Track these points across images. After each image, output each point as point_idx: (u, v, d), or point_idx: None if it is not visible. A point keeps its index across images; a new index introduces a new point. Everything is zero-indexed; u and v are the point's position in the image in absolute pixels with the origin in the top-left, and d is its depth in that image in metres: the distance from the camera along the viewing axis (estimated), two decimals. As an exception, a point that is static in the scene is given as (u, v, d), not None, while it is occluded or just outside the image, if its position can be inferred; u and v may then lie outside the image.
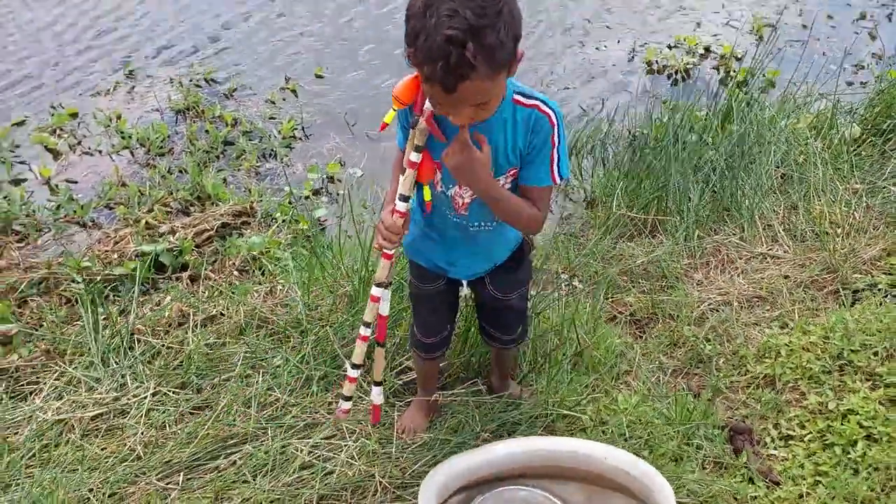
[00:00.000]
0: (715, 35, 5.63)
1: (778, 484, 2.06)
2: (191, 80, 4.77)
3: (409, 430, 2.24)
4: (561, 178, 1.67)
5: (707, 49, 5.46)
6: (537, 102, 1.59)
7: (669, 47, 5.46)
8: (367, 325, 1.89)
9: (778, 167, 3.58)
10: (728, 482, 2.07)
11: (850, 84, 5.08)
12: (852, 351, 2.37)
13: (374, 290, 1.80)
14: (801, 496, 1.96)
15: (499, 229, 1.78)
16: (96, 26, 5.32)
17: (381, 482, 2.02)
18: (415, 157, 1.60)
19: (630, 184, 3.62)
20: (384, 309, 1.87)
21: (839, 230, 3.13)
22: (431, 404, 2.28)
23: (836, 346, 2.40)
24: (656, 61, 5.30)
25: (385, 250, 1.73)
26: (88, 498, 1.98)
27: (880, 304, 2.58)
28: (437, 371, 2.26)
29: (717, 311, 2.81)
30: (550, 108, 1.60)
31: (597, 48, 5.48)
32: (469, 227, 1.77)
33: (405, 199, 1.64)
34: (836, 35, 5.59)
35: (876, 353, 2.34)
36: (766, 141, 3.71)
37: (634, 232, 3.42)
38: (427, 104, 1.53)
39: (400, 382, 2.43)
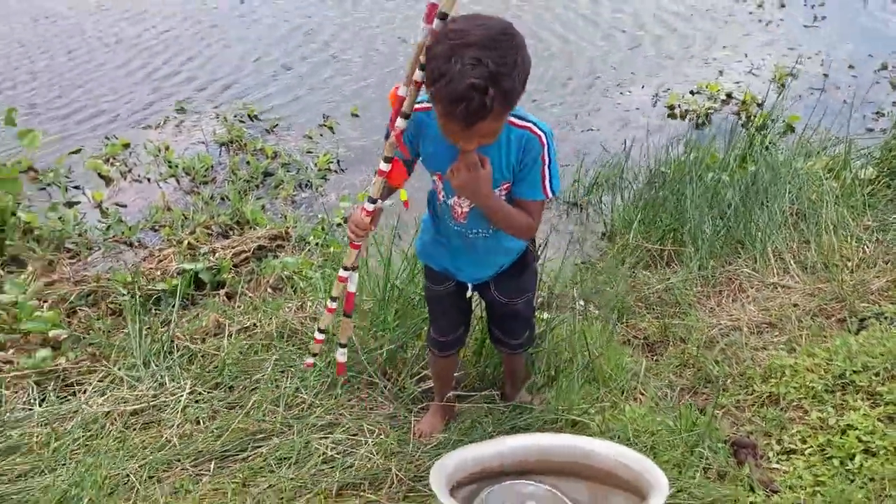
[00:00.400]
0: (737, 82, 5.82)
1: (776, 492, 2.14)
2: (235, 116, 5.09)
3: (425, 433, 2.38)
4: (553, 193, 1.83)
5: (729, 95, 5.65)
6: (529, 125, 1.75)
7: (692, 93, 5.65)
8: (334, 299, 2.05)
9: (792, 204, 3.70)
10: (729, 488, 2.15)
11: (870, 130, 5.21)
12: (854, 372, 2.45)
13: (342, 272, 1.97)
14: (798, 498, 2.03)
15: (496, 236, 1.94)
16: (157, 65, 5.72)
17: (396, 475, 2.15)
18: (384, 166, 1.78)
19: (647, 216, 3.76)
20: (352, 287, 2.02)
21: (849, 263, 3.22)
22: (447, 409, 2.42)
23: (839, 367, 2.48)
24: (678, 105, 5.49)
25: (352, 241, 1.90)
26: (128, 477, 2.15)
27: (885, 330, 2.66)
28: (451, 371, 2.39)
29: (727, 335, 2.91)
30: (541, 129, 1.75)
31: (621, 93, 5.71)
32: (468, 235, 1.93)
33: (373, 200, 1.84)
34: (857, 84, 5.73)
35: (877, 374, 2.42)
36: (781, 180, 3.84)
37: (650, 262, 3.55)
38: (399, 122, 1.70)
39: (419, 389, 2.57)
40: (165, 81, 5.54)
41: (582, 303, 3.28)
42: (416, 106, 1.71)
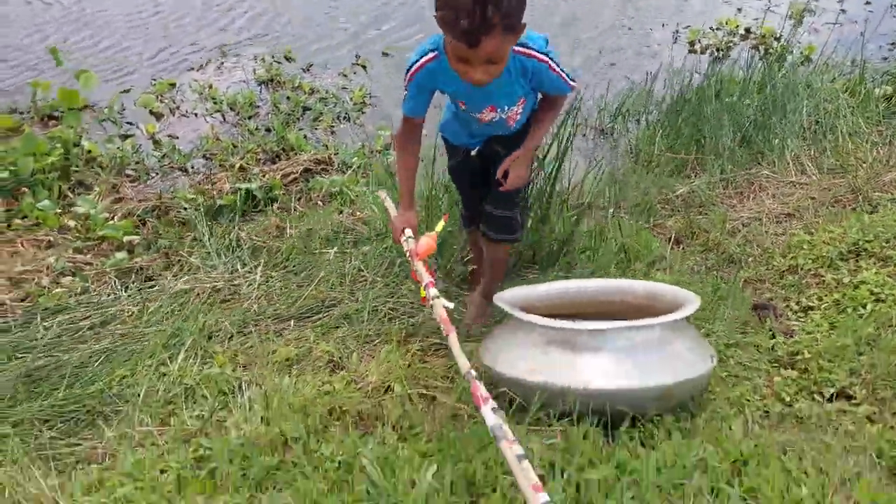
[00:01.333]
0: (755, 18, 5.97)
1: (793, 336, 2.38)
2: (273, 57, 5.33)
3: (469, 325, 2.58)
4: (573, 82, 2.07)
5: (747, 30, 5.82)
6: (529, 50, 1.93)
7: (711, 29, 5.82)
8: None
9: (810, 116, 3.90)
10: (751, 337, 2.40)
11: (884, 59, 5.36)
12: (867, 241, 2.68)
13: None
14: (815, 341, 2.28)
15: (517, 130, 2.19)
16: (199, 15, 5.97)
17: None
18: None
19: (670, 131, 3.98)
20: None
21: (864, 164, 3.44)
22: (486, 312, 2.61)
23: (853, 238, 2.71)
24: (699, 41, 5.67)
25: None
26: (223, 326, 2.43)
27: (896, 208, 2.89)
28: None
29: (748, 225, 3.14)
30: (539, 50, 1.96)
31: (643, 31, 5.89)
32: (490, 127, 2.18)
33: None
34: (872, 18, 5.86)
35: (888, 241, 2.65)
36: (798, 96, 4.03)
37: (674, 171, 3.78)
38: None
39: (466, 270, 2.84)
40: (203, 29, 5.79)
41: (612, 210, 3.52)
42: (422, 60, 1.97)
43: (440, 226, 2.22)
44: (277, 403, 1.91)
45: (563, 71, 2.03)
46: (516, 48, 1.93)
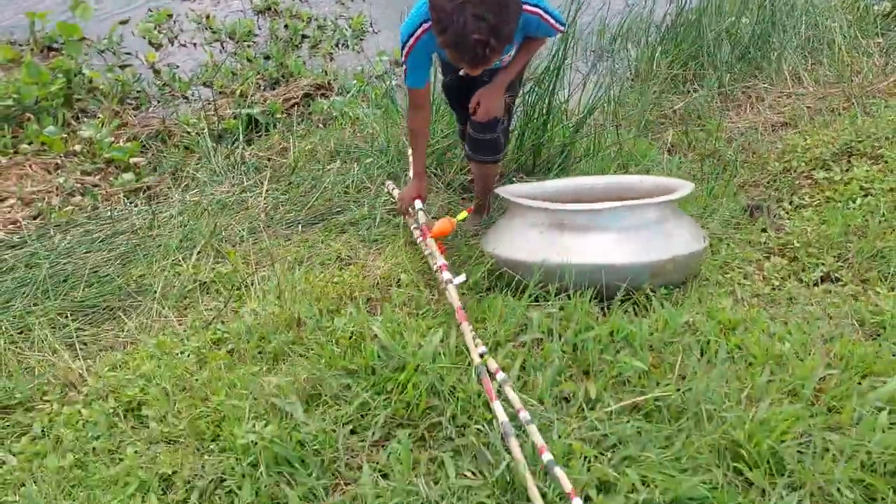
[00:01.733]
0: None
1: (783, 230, 2.46)
2: (269, -14, 5.29)
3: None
4: (563, 26, 2.09)
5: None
6: (524, 5, 1.91)
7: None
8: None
9: (808, 30, 3.90)
10: (744, 235, 2.48)
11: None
12: (859, 141, 2.74)
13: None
14: (805, 232, 2.36)
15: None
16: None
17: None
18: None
19: (670, 49, 3.98)
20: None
21: (859, 73, 3.46)
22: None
23: (846, 140, 2.77)
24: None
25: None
26: (233, 231, 2.52)
27: (889, 110, 2.93)
28: None
29: (745, 134, 3.19)
30: (529, 3, 1.96)
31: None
32: None
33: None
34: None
35: (878, 140, 2.70)
36: (797, 11, 4.03)
37: (673, 87, 3.80)
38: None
39: (465, 181, 2.90)
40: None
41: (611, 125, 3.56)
42: (416, 33, 2.00)
43: (462, 215, 2.30)
44: (290, 291, 2.00)
45: (552, 17, 2.06)
46: None
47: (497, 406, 1.41)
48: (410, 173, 2.51)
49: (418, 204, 2.28)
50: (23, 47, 4.48)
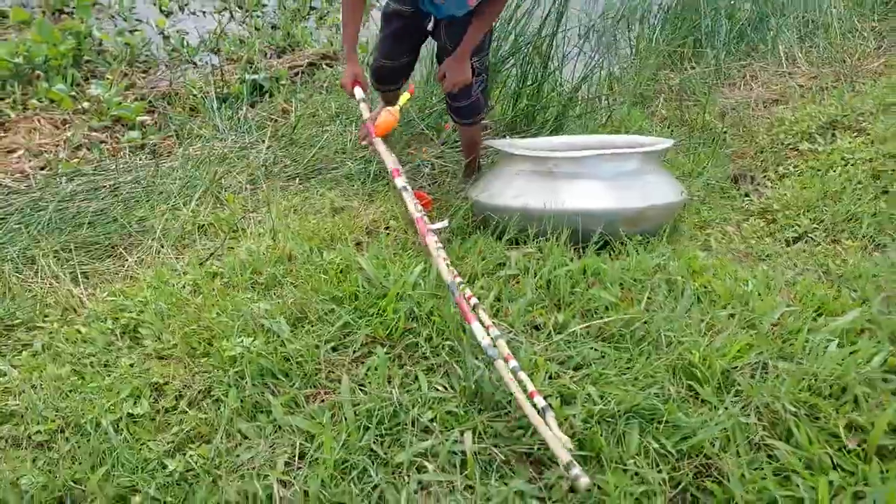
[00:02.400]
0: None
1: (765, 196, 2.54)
2: (279, -41, 5.36)
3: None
4: None
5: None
6: None
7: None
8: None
9: (806, 14, 3.96)
10: (726, 198, 2.56)
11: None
12: (844, 115, 2.81)
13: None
14: (785, 197, 2.43)
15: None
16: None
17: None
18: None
19: (669, 28, 4.05)
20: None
21: (852, 55, 3.52)
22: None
23: (832, 114, 2.84)
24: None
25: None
26: (233, 181, 2.61)
27: (875, 86, 3.00)
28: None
29: (736, 108, 3.26)
30: None
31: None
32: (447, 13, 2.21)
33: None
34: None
35: (862, 114, 2.77)
36: (797, -3, 4.09)
37: (671, 65, 3.87)
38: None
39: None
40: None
41: (606, 99, 3.63)
42: None
43: (404, 98, 2.31)
44: (284, 231, 2.09)
45: None
46: None
47: (476, 326, 1.49)
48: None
49: (359, 93, 2.24)
50: (35, 10, 4.58)
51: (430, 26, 2.41)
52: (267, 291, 1.84)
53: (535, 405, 1.29)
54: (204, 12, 4.85)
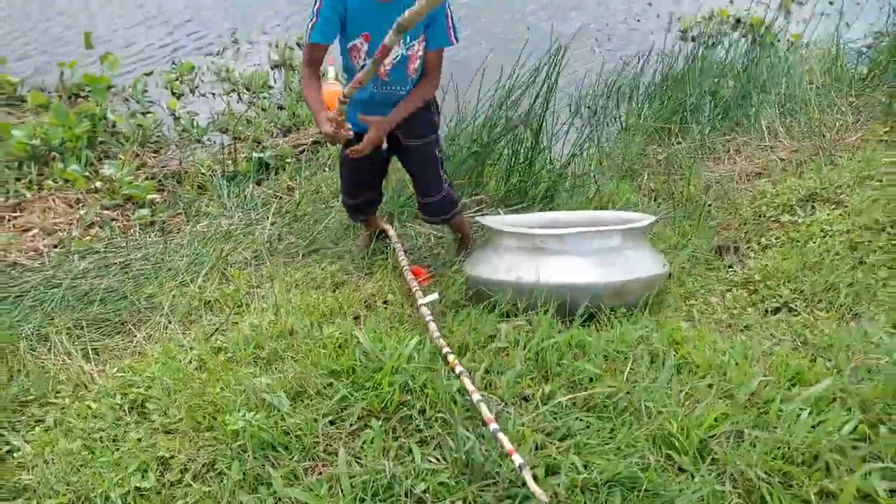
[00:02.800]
0: (746, 10, 6.24)
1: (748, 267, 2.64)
2: (285, 44, 5.66)
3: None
4: (457, 41, 2.20)
5: (738, 20, 6.08)
6: None
7: (703, 18, 6.10)
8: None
9: (787, 88, 4.16)
10: (711, 269, 2.67)
11: (868, 48, 5.60)
12: (823, 188, 2.94)
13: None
14: (766, 267, 2.53)
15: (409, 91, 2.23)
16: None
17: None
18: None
19: (657, 105, 4.25)
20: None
21: (831, 130, 3.69)
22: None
23: (811, 187, 2.97)
24: (690, 28, 5.94)
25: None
26: (239, 257, 2.73)
27: (853, 160, 3.14)
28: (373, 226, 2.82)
29: (720, 182, 3.41)
30: None
31: (637, 20, 6.17)
32: (388, 90, 2.22)
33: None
34: (862, 14, 6.10)
35: (840, 187, 2.90)
36: (776, 71, 4.30)
37: (658, 140, 4.05)
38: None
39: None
40: (216, 16, 6.13)
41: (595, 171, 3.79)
42: None
43: (331, 72, 2.32)
44: (286, 306, 2.19)
45: (453, 25, 2.18)
46: None
47: (476, 397, 1.57)
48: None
49: (331, 72, 2.30)
50: (51, 94, 4.83)
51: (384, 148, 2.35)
52: (269, 366, 1.93)
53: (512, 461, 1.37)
54: (213, 93, 5.10)
